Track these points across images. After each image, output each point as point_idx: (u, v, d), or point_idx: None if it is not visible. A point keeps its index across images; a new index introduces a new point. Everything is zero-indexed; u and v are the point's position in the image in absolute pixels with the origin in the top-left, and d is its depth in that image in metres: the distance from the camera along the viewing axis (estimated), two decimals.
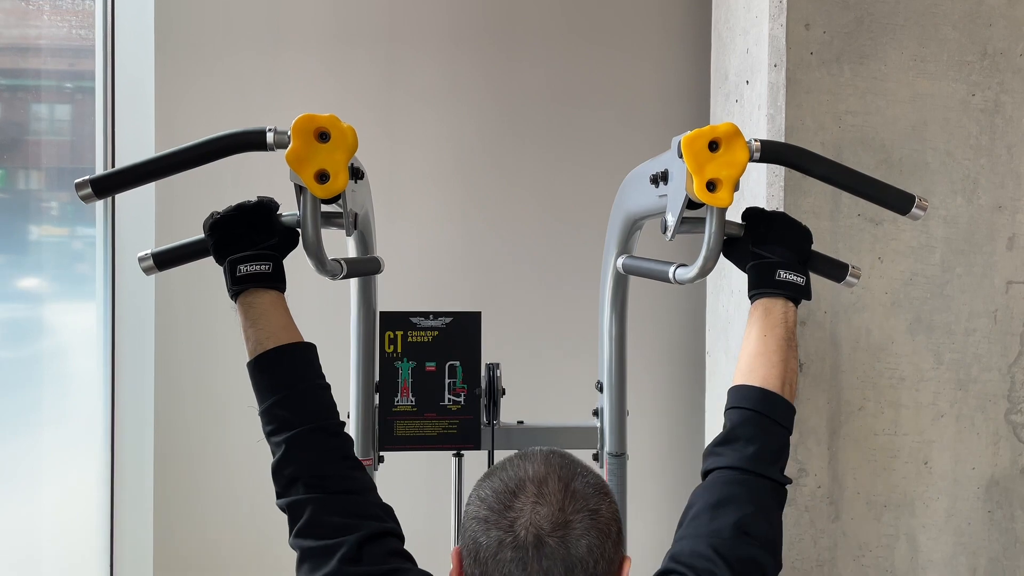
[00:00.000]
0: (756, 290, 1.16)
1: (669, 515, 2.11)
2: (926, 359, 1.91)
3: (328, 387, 1.12)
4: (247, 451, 2.07)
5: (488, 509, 0.90)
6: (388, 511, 1.08)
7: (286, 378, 1.08)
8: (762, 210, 1.20)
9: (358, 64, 2.40)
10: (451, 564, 0.96)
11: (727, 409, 1.13)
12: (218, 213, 1.13)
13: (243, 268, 1.08)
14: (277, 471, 1.05)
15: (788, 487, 1.09)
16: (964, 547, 1.93)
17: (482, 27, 2.45)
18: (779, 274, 1.13)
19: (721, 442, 1.10)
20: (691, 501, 1.06)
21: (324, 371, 1.13)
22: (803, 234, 1.18)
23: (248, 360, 1.10)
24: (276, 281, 1.11)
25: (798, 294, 1.15)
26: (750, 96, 1.97)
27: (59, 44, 2.13)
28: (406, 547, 1.06)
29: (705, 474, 1.09)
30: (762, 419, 1.09)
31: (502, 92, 2.46)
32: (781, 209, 1.85)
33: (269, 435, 1.07)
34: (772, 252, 1.15)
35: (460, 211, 2.47)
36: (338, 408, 1.12)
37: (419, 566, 1.05)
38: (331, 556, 0.98)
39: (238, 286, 1.09)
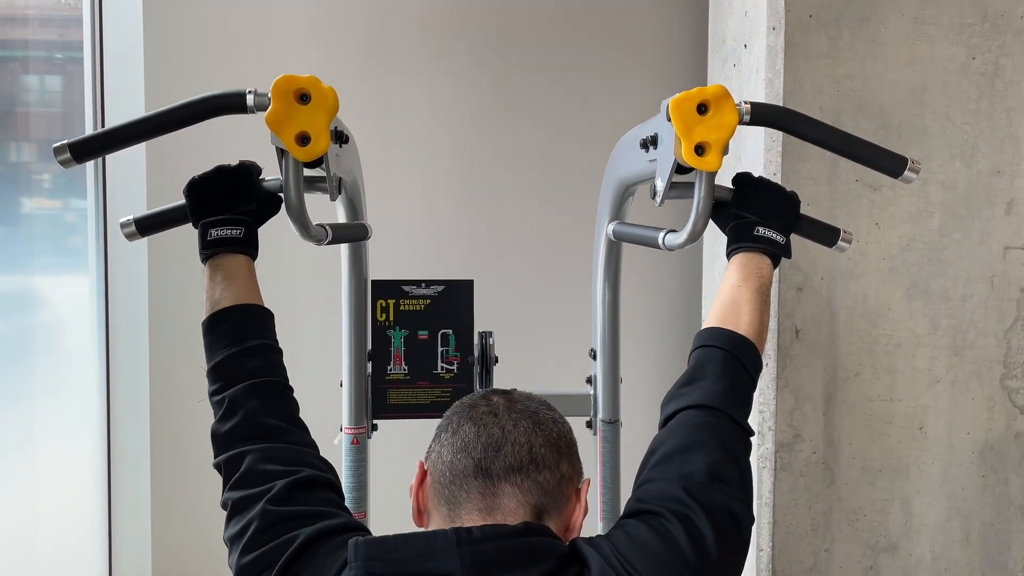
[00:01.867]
0: (734, 245, 1.12)
1: None
2: (922, 325, 1.91)
3: (280, 352, 1.08)
4: None
5: (458, 413, 0.96)
6: (330, 467, 1.01)
7: (238, 334, 1.04)
8: (751, 175, 1.18)
9: (349, 27, 2.37)
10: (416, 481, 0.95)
11: (693, 350, 1.06)
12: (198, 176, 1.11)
13: (214, 232, 1.07)
14: (216, 430, 1.00)
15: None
16: (958, 511, 1.94)
17: None
18: (757, 230, 1.10)
19: (686, 382, 1.03)
20: (653, 446, 0.99)
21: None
22: (789, 199, 1.14)
23: (203, 319, 1.07)
24: (246, 246, 1.09)
25: (776, 250, 1.11)
26: (748, 60, 1.94)
27: (47, 14, 2.10)
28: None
29: (667, 420, 1.01)
30: (733, 360, 1.03)
31: (496, 59, 2.43)
32: (779, 175, 1.83)
33: (213, 394, 1.03)
34: (754, 214, 1.11)
35: (453, 179, 2.45)
36: (288, 374, 1.07)
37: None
38: (258, 500, 0.91)
39: (208, 250, 1.07)
